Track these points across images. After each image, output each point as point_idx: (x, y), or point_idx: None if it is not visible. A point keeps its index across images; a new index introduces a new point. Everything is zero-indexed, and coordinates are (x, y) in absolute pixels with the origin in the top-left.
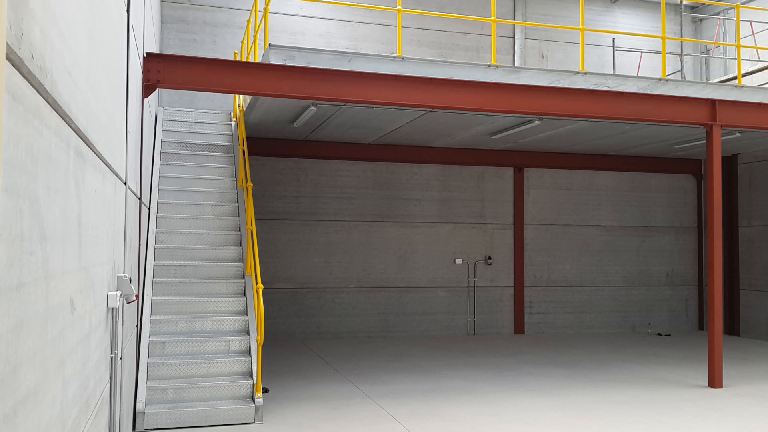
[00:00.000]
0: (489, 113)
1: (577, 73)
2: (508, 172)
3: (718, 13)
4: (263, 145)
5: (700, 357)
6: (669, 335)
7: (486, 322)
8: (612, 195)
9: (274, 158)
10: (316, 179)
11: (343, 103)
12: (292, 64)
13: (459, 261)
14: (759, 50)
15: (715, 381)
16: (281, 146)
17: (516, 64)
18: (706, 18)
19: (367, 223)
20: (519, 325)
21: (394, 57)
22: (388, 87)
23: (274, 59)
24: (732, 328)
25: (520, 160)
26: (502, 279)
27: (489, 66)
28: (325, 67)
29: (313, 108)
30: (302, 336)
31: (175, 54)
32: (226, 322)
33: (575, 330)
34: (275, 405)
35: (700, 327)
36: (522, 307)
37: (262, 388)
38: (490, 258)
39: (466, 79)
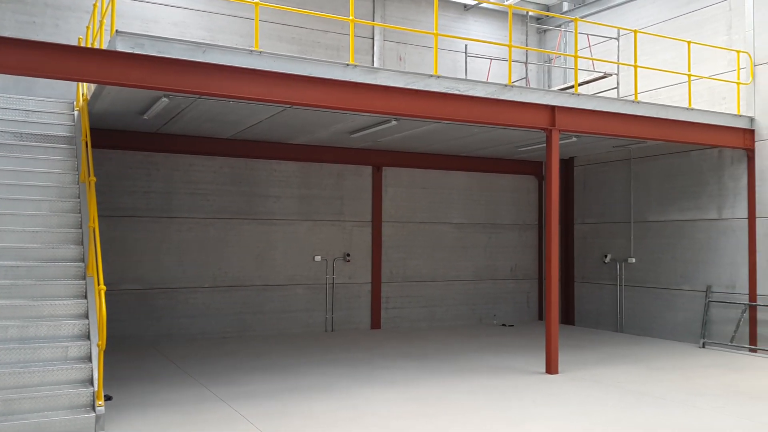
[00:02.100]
0: (348, 112)
1: (431, 76)
2: (367, 170)
3: (560, 25)
4: (111, 137)
5: (539, 345)
6: (512, 326)
7: (344, 318)
8: (463, 194)
9: (122, 151)
10: (168, 174)
11: (198, 96)
12: (141, 53)
13: (318, 258)
14: (595, 61)
15: (551, 367)
16: (131, 139)
17: (375, 65)
18: (550, 29)
19: (223, 221)
20: (376, 321)
21: (251, 50)
22: (245, 81)
23: (122, 46)
24: (567, 318)
25: (379, 159)
26: (360, 275)
27: (347, 65)
28: (177, 57)
29: (164, 99)
30: (152, 339)
31: (8, 36)
32: (63, 326)
33: (428, 323)
34: (119, 413)
35: (540, 317)
36: (379, 302)
37: (105, 396)
38: (348, 255)
39: (325, 77)
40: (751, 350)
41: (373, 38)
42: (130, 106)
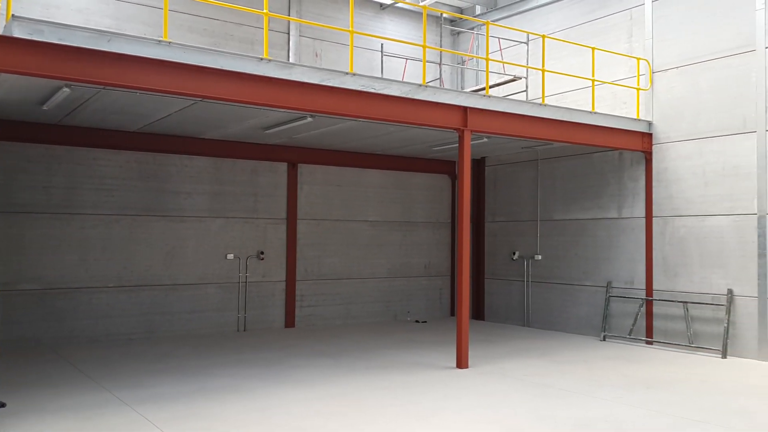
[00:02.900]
0: (261, 107)
1: (347, 73)
2: (282, 167)
3: (472, 28)
4: (6, 128)
5: (450, 341)
6: (425, 322)
7: (257, 317)
8: (378, 192)
9: (20, 143)
10: (71, 168)
11: (102, 87)
12: (40, 40)
13: (231, 256)
14: (505, 64)
15: (462, 362)
16: (29, 130)
17: (290, 61)
18: (463, 32)
19: (130, 217)
20: (290, 319)
21: (159, 41)
22: (153, 72)
23: (18, 32)
24: (478, 313)
25: (294, 156)
26: (275, 273)
27: (261, 59)
28: (80, 45)
29: (66, 90)
30: (52, 342)
31: None
32: None
33: (343, 321)
34: (13, 420)
35: (452, 313)
36: (293, 301)
37: None
38: (262, 253)
39: (238, 70)
40: (648, 342)
41: (288, 33)
42: (29, 96)
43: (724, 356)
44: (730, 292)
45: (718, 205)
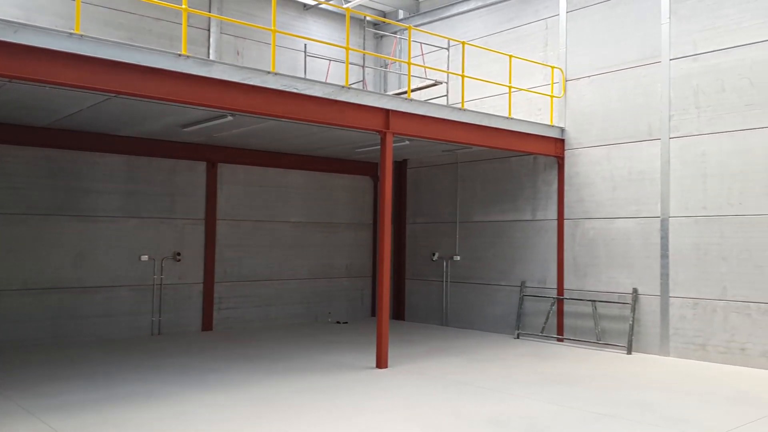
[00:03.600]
0: (179, 104)
1: (269, 72)
2: (201, 166)
3: (395, 32)
4: None
5: (371, 341)
6: (346, 323)
7: (173, 320)
8: (301, 193)
9: None
10: None
11: (7, 80)
12: None
13: (145, 258)
14: (427, 69)
15: (381, 362)
16: None
17: (211, 58)
18: (387, 35)
19: (38, 217)
20: (207, 322)
21: (71, 33)
22: (63, 66)
23: None
24: (398, 313)
25: (214, 155)
26: (192, 275)
27: (179, 55)
28: None
29: None
30: None
31: None
32: None
33: (263, 323)
34: None
35: (373, 314)
36: (211, 303)
37: None
38: (179, 254)
39: (155, 66)
40: (559, 339)
41: (209, 30)
42: None
43: (630, 352)
44: (635, 291)
45: (625, 208)
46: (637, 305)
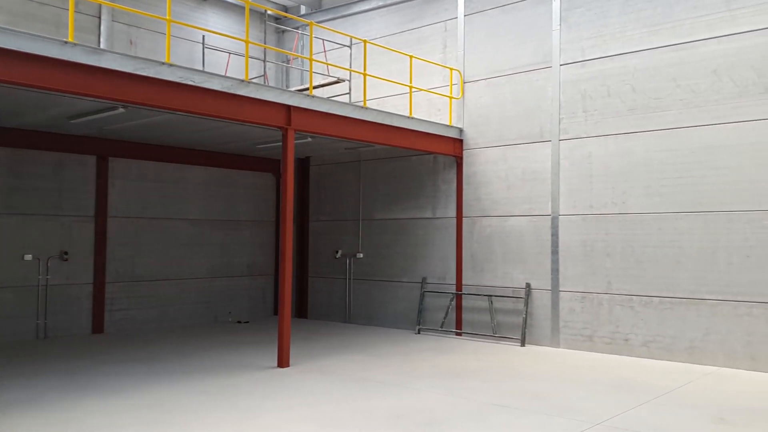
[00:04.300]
0: (66, 95)
1: (163, 63)
2: (92, 160)
3: (297, 28)
4: None
5: (273, 340)
6: (248, 322)
7: (61, 323)
8: (201, 189)
9: None
10: None
11: None
12: None
13: (29, 257)
14: (329, 66)
15: (283, 361)
16: None
17: (101, 47)
18: (288, 30)
19: None
20: (98, 324)
21: None
22: None
23: None
24: (301, 311)
25: (105, 149)
26: (81, 275)
27: (66, 43)
28: None
29: None
30: None
31: None
32: None
33: (159, 324)
34: None
35: (275, 313)
36: (102, 304)
37: None
38: (66, 253)
39: (39, 53)
40: (457, 334)
41: (100, 17)
42: None
43: (523, 344)
44: (528, 285)
45: (519, 206)
46: (530, 299)
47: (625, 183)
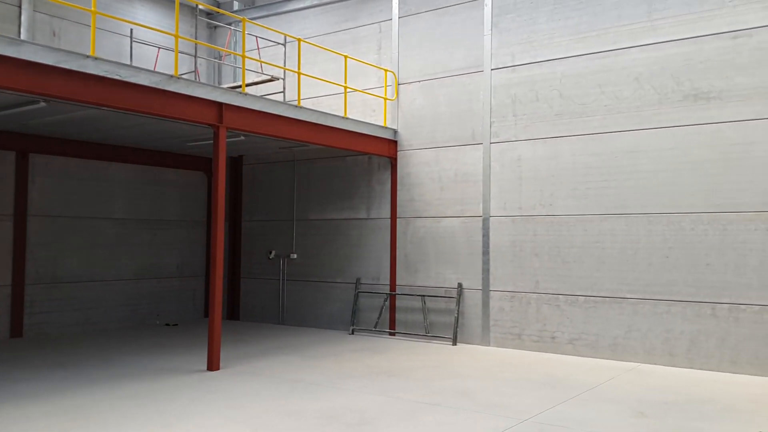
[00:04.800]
0: None
1: (88, 57)
2: (10, 156)
3: (230, 24)
4: None
5: (203, 343)
6: (177, 325)
7: None
8: (127, 187)
9: None
10: None
11: None
12: None
13: None
14: (263, 64)
15: (213, 364)
16: None
17: (21, 37)
18: (221, 26)
19: None
20: (17, 328)
21: None
22: None
23: None
24: (233, 313)
25: (25, 145)
26: None
27: None
28: None
29: None
30: None
31: None
32: None
33: (82, 328)
34: None
35: (206, 315)
36: (21, 307)
37: None
38: None
39: None
40: (391, 334)
41: (20, 7)
42: None
43: (455, 343)
44: (459, 285)
45: (452, 207)
46: (462, 299)
47: (552, 186)
